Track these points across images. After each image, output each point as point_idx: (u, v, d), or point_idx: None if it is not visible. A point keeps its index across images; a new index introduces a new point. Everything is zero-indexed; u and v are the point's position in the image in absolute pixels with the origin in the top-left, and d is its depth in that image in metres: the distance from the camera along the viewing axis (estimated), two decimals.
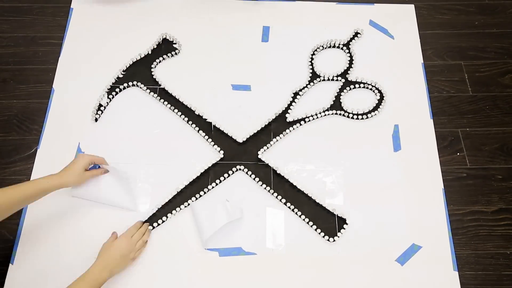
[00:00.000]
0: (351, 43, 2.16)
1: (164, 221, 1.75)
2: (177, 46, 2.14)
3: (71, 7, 2.24)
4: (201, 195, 1.80)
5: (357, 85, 2.04)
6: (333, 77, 2.06)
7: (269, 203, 1.80)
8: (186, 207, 1.78)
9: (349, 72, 2.08)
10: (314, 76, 2.06)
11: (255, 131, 1.92)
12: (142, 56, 2.10)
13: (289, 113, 1.97)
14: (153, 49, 2.12)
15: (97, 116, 1.96)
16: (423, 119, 1.98)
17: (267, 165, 1.86)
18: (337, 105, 1.99)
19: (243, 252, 1.71)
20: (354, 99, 2.01)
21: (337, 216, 1.78)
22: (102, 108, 1.98)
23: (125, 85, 2.03)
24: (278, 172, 1.84)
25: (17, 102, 2.01)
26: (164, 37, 2.16)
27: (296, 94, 2.01)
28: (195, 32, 2.17)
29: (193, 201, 1.79)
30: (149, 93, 2.01)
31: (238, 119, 1.96)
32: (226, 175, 1.84)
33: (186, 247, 1.72)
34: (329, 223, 1.77)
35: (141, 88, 2.03)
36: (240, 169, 1.86)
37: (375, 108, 1.99)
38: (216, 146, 1.89)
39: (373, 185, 1.84)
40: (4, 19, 2.23)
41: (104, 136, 1.92)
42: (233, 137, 1.91)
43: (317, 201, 1.80)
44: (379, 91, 2.02)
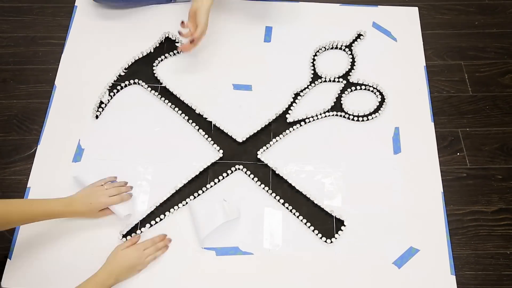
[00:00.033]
0: (353, 44, 2.15)
1: (162, 219, 1.75)
2: (179, 45, 2.14)
3: (75, 5, 2.26)
4: (199, 194, 1.80)
5: (358, 87, 2.04)
6: (334, 78, 2.06)
7: (267, 203, 1.80)
8: (184, 205, 1.78)
9: (350, 73, 2.07)
10: (316, 77, 2.06)
11: (255, 131, 1.92)
12: (144, 54, 2.11)
13: (289, 113, 1.97)
14: (155, 47, 2.13)
15: (98, 113, 1.97)
16: (424, 122, 1.97)
17: (266, 165, 1.86)
18: (338, 106, 1.99)
19: (240, 251, 1.71)
20: (355, 101, 2.01)
21: (335, 217, 1.77)
22: (103, 105, 1.99)
23: (127, 83, 2.04)
24: (277, 172, 1.84)
25: (17, 102, 2.02)
26: (167, 35, 2.17)
27: (297, 95, 2.01)
28: None
29: (191, 200, 1.78)
30: (150, 91, 2.02)
31: (239, 118, 1.96)
32: (225, 174, 1.84)
33: (183, 245, 1.71)
34: (327, 224, 1.76)
35: (142, 86, 2.04)
36: (239, 168, 1.85)
37: (376, 110, 1.98)
38: (215, 145, 1.89)
39: (372, 187, 1.84)
40: (4, 19, 2.24)
41: (104, 134, 1.93)
42: (233, 136, 1.91)
43: (316, 202, 1.79)
44: (381, 93, 2.02)
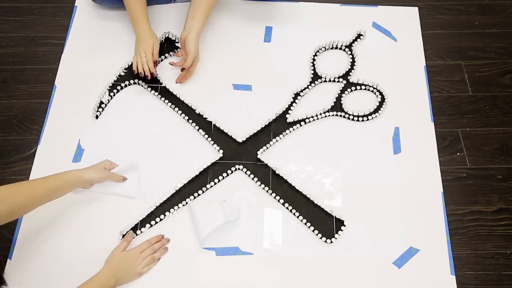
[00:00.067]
0: (353, 44, 2.16)
1: (162, 219, 1.75)
2: (179, 45, 2.14)
3: (75, 5, 2.26)
4: (199, 194, 1.80)
5: (358, 87, 2.04)
6: (334, 78, 2.06)
7: (267, 203, 1.79)
8: (184, 205, 1.78)
9: (350, 73, 2.07)
10: (316, 77, 2.06)
11: (255, 131, 1.92)
12: None
13: (289, 113, 1.97)
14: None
15: (98, 113, 1.97)
16: (424, 122, 1.97)
17: (266, 165, 1.86)
18: (338, 106, 1.99)
19: (240, 251, 1.71)
20: (355, 101, 2.01)
21: (335, 217, 1.77)
22: (103, 105, 1.98)
23: (127, 83, 2.04)
24: (277, 172, 1.84)
25: (17, 102, 2.02)
26: (167, 35, 2.17)
27: (297, 95, 2.01)
28: None
29: (191, 200, 1.78)
30: (150, 91, 2.02)
31: (239, 118, 1.96)
32: (225, 174, 1.83)
33: (183, 245, 1.71)
34: (326, 224, 1.75)
35: (142, 86, 2.04)
36: (239, 168, 1.85)
37: (376, 110, 1.98)
38: (215, 145, 1.89)
39: (372, 187, 1.83)
40: (4, 19, 2.24)
41: (104, 134, 1.93)
42: (232, 136, 1.91)
43: (315, 202, 1.79)
44: (381, 93, 2.02)
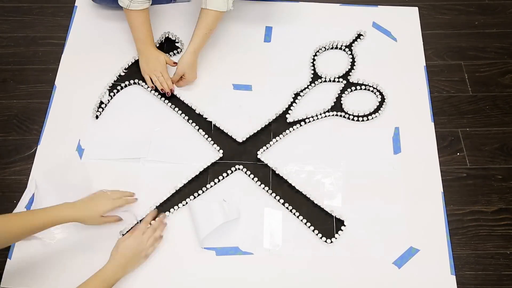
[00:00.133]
0: (353, 44, 2.16)
1: None
2: (179, 45, 2.15)
3: (75, 5, 2.26)
4: (199, 194, 1.80)
5: (358, 87, 2.04)
6: (334, 78, 2.06)
7: (267, 203, 1.79)
8: (184, 205, 1.78)
9: (350, 73, 2.07)
10: (316, 77, 2.06)
11: (255, 131, 1.92)
12: None
13: (289, 113, 1.97)
14: (155, 47, 2.12)
15: (98, 113, 1.96)
16: (424, 122, 1.97)
17: (266, 165, 1.86)
18: (338, 106, 1.99)
19: (240, 251, 1.71)
20: (355, 101, 2.01)
21: (335, 217, 1.77)
22: (103, 105, 1.98)
23: (127, 83, 2.03)
24: (277, 172, 1.84)
25: (17, 102, 2.02)
26: (167, 35, 2.17)
27: (297, 95, 2.01)
28: None
29: (191, 200, 1.78)
30: (150, 91, 2.02)
31: (239, 118, 1.96)
32: (225, 174, 1.83)
33: (183, 245, 1.71)
34: (326, 224, 1.76)
35: (142, 86, 2.04)
36: (239, 168, 1.85)
37: (376, 110, 1.98)
38: (215, 145, 1.89)
39: (372, 187, 1.83)
40: (4, 19, 2.24)
41: (104, 134, 1.93)
42: (233, 136, 1.91)
43: (315, 202, 1.79)
44: (381, 93, 2.02)
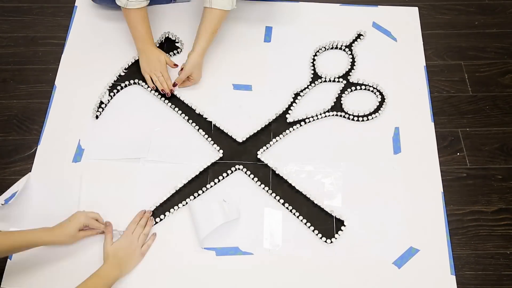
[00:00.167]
0: (353, 44, 2.16)
1: (162, 219, 1.75)
2: (179, 45, 2.15)
3: (75, 5, 2.26)
4: (199, 194, 1.80)
5: (358, 87, 2.04)
6: (334, 78, 2.06)
7: (267, 203, 1.79)
8: (184, 205, 1.78)
9: (350, 73, 2.07)
10: (316, 77, 2.06)
11: (255, 131, 1.92)
12: None
13: (289, 113, 1.97)
14: (156, 46, 2.11)
15: (98, 113, 1.96)
16: (424, 122, 1.97)
17: (266, 165, 1.86)
18: (338, 106, 1.99)
19: (240, 252, 1.71)
20: (355, 101, 2.01)
21: (335, 217, 1.77)
22: (103, 105, 1.98)
23: (127, 83, 2.03)
24: (277, 172, 1.84)
25: (17, 102, 2.02)
26: (167, 36, 2.17)
27: (297, 95, 2.01)
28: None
29: (191, 200, 1.78)
30: (150, 91, 2.02)
31: (239, 118, 1.96)
32: (225, 174, 1.83)
33: (183, 245, 1.71)
34: (326, 224, 1.75)
35: (142, 86, 2.04)
36: (239, 168, 1.85)
37: (376, 110, 1.98)
38: (215, 145, 1.89)
39: (372, 187, 1.83)
40: (4, 19, 2.24)
41: (104, 134, 1.93)
42: (232, 136, 1.91)
43: (315, 202, 1.79)
44: (381, 93, 2.02)
